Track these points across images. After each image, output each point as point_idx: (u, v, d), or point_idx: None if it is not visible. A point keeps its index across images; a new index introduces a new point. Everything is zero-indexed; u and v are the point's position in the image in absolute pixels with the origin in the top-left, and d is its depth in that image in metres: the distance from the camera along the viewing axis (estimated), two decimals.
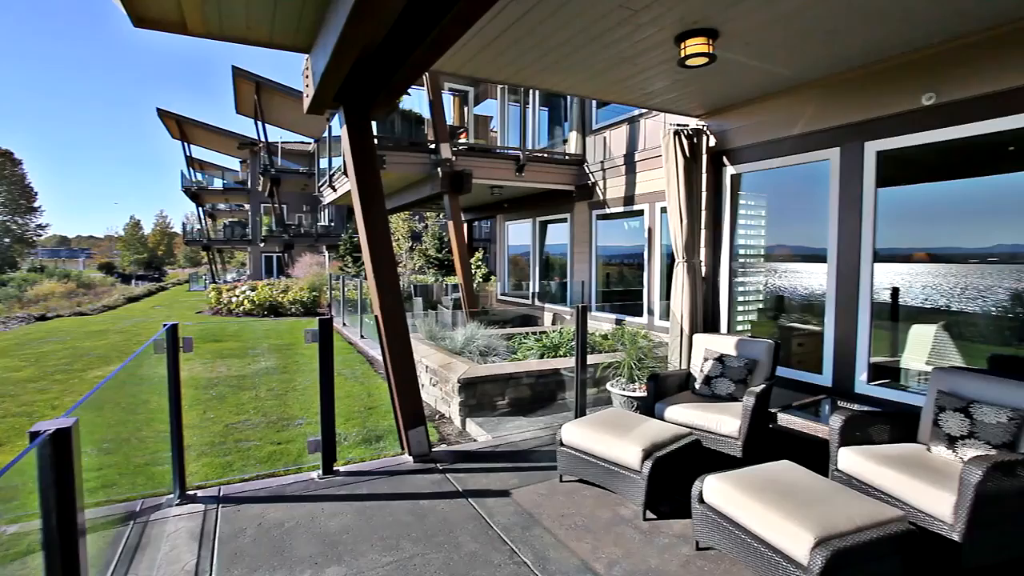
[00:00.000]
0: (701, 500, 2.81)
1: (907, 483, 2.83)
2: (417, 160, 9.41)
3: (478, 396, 5.34)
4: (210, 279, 33.33)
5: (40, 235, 55.00)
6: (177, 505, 3.41)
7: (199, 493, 3.59)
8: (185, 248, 66.70)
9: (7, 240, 49.69)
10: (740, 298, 5.92)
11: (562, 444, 3.69)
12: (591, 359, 5.57)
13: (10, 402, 6.73)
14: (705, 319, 5.68)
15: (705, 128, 5.66)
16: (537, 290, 11.50)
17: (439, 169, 8.95)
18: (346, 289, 13.46)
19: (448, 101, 12.55)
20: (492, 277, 14.54)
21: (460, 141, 11.52)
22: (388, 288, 4.15)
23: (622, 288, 9.06)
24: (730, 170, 5.75)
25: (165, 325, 3.40)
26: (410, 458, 4.14)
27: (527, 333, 7.88)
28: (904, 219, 4.42)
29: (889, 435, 3.35)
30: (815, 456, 3.34)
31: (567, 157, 10.05)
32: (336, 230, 28.87)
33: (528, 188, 10.35)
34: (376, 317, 4.16)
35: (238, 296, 16.88)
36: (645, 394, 4.69)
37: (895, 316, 4.55)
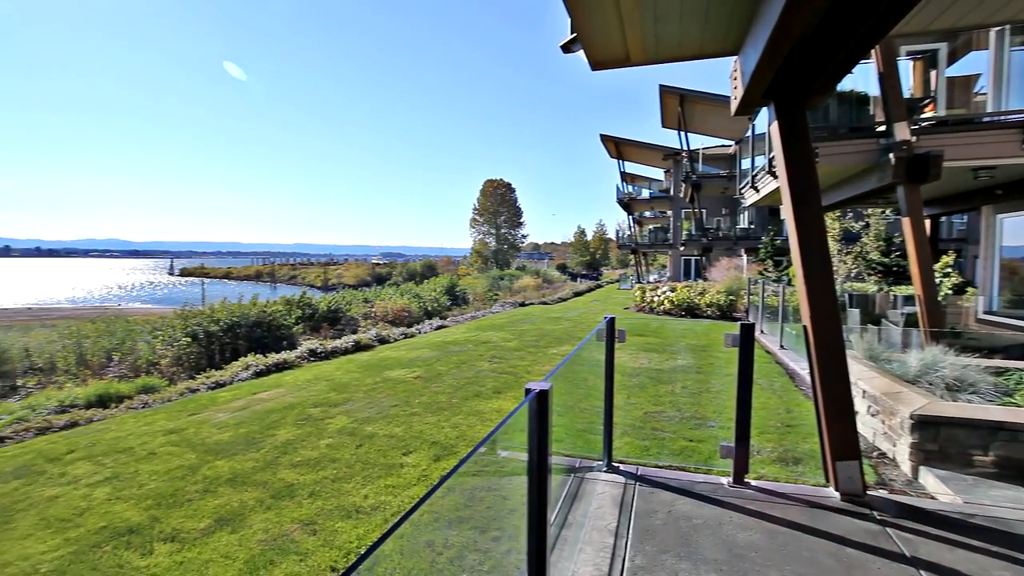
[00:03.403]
0: None
1: None
2: (858, 148, 8.01)
3: (941, 442, 4.13)
4: (635, 279, 37.45)
5: (522, 243, 74.35)
6: (604, 472, 3.97)
7: (621, 467, 4.08)
8: (617, 252, 77.34)
9: (505, 247, 69.58)
10: None
11: None
12: None
13: (503, 363, 9.31)
14: None
15: None
16: None
17: (891, 155, 7.36)
18: (765, 294, 12.72)
19: (905, 69, 10.12)
20: (969, 289, 11.02)
21: (924, 116, 9.16)
22: (821, 296, 3.68)
23: None
24: None
25: (606, 318, 4.00)
26: (836, 494, 3.58)
27: None
28: None
29: None
30: None
31: None
32: (756, 233, 27.63)
33: None
34: (804, 327, 3.75)
35: (659, 296, 18.30)
36: None
37: None
